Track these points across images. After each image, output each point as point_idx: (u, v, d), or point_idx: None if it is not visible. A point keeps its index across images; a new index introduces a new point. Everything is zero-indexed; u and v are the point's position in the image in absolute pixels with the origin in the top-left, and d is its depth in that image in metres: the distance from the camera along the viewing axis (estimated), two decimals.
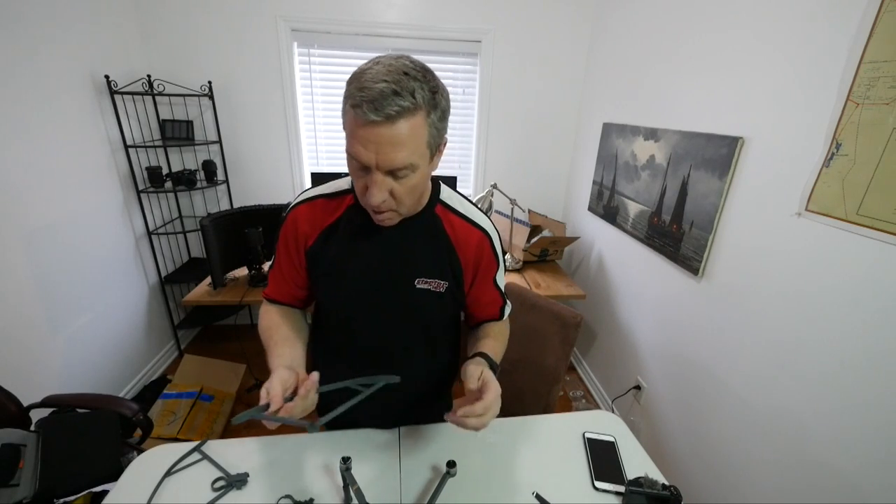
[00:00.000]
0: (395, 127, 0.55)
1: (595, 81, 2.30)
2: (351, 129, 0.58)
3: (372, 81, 0.54)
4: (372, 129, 0.55)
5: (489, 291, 0.84)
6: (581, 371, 2.48)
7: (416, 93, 0.55)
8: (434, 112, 0.59)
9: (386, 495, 0.73)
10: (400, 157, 0.58)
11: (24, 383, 1.33)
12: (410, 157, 0.59)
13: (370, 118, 0.54)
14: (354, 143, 0.58)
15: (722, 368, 1.35)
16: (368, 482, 0.74)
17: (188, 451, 0.80)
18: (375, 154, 0.57)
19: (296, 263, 0.80)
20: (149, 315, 2.26)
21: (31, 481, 0.93)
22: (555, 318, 1.27)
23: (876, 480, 0.91)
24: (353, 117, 0.56)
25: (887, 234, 0.86)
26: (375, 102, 0.54)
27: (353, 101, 0.55)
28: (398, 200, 0.64)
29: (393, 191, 0.62)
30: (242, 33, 2.15)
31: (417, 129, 0.57)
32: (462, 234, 0.76)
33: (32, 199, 1.54)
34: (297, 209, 0.78)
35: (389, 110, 0.54)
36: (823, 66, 1.01)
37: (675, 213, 1.56)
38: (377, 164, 0.58)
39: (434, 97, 0.58)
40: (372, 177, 0.60)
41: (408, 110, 0.55)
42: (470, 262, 0.78)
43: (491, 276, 0.82)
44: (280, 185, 2.47)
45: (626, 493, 0.71)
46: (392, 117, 0.54)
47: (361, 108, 0.54)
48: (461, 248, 0.76)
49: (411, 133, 0.57)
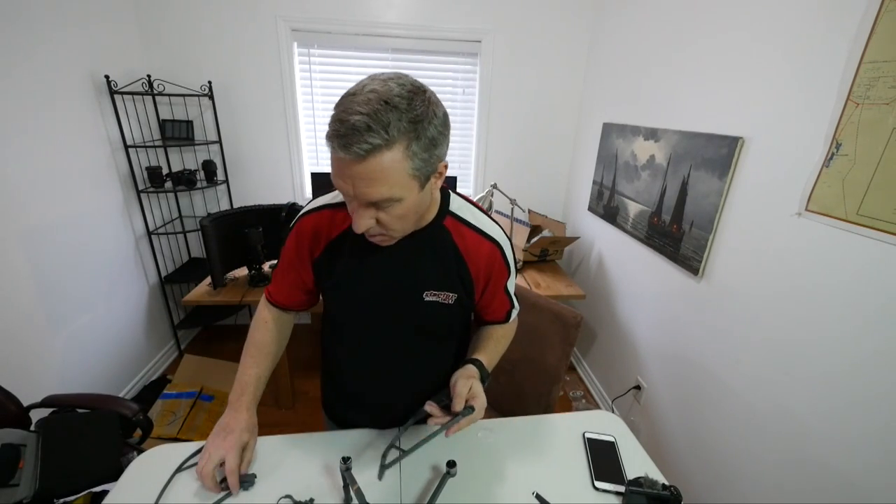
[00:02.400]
0: (366, 164, 0.52)
1: (595, 81, 2.30)
2: (331, 159, 0.56)
3: (348, 112, 0.51)
4: (344, 165, 0.54)
5: (499, 298, 0.85)
6: (581, 371, 2.48)
7: (392, 126, 0.51)
8: (416, 142, 0.54)
9: (386, 495, 0.73)
10: (376, 192, 0.55)
11: (24, 383, 1.33)
12: (390, 192, 0.56)
13: (339, 154, 0.53)
14: (334, 174, 0.56)
15: (722, 368, 1.35)
16: (368, 482, 0.74)
17: (196, 451, 0.79)
18: (352, 187, 0.55)
19: (302, 273, 0.81)
20: (149, 315, 2.25)
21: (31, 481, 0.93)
22: (555, 318, 1.26)
23: (876, 480, 0.91)
24: (329, 149, 0.54)
25: (887, 234, 0.86)
26: (345, 139, 0.51)
27: (328, 133, 0.53)
28: (386, 227, 0.62)
29: (379, 219, 0.61)
30: (242, 33, 2.15)
31: (395, 163, 0.54)
32: (473, 245, 0.75)
33: (32, 198, 1.54)
34: (303, 220, 0.77)
35: (358, 148, 0.51)
36: (823, 67, 1.01)
37: (675, 213, 1.56)
38: (355, 195, 0.57)
39: (416, 127, 0.54)
40: (352, 205, 0.59)
41: (378, 147, 0.52)
42: (481, 273, 0.77)
43: (502, 285, 0.82)
44: (280, 185, 2.47)
45: (626, 493, 0.71)
46: (361, 156, 0.52)
47: (332, 141, 0.52)
48: (472, 261, 0.75)
49: (388, 168, 0.54)
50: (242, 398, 0.77)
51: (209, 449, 0.72)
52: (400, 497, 0.73)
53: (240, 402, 0.77)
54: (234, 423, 0.75)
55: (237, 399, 0.77)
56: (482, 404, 0.69)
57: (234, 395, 0.78)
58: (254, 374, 0.80)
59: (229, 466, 0.70)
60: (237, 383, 0.79)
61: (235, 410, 0.76)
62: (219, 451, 0.71)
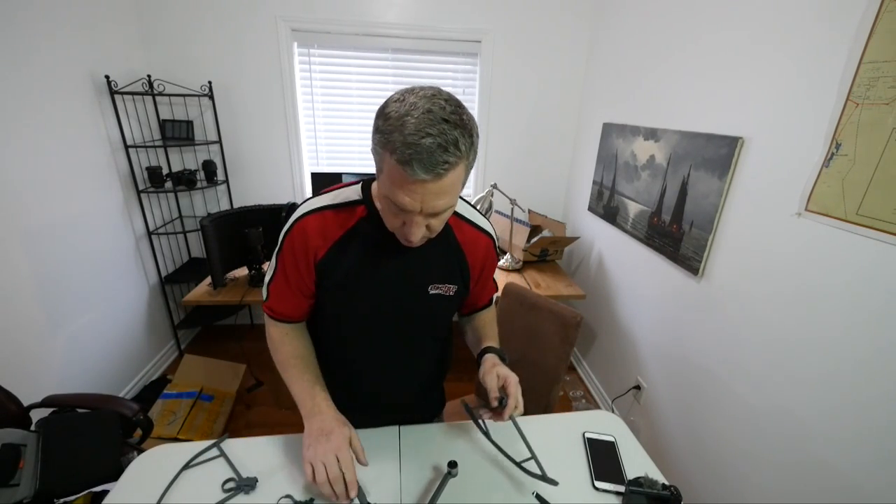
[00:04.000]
0: (441, 181, 0.57)
1: (595, 81, 2.30)
2: (397, 180, 0.58)
3: (417, 136, 0.53)
4: (421, 185, 0.56)
5: (489, 285, 0.94)
6: (581, 371, 2.48)
7: (461, 144, 0.55)
8: (473, 153, 0.60)
9: (386, 495, 0.73)
10: (443, 203, 0.60)
11: (24, 383, 1.33)
12: (452, 201, 0.62)
13: (420, 177, 0.55)
14: (400, 193, 0.58)
15: (722, 368, 1.35)
16: (368, 482, 0.74)
17: (207, 447, 0.80)
18: (421, 203, 0.59)
19: (304, 275, 0.78)
20: (149, 315, 2.26)
21: (31, 481, 0.93)
22: (555, 318, 1.27)
23: (876, 480, 0.91)
24: (402, 172, 0.56)
25: (887, 234, 0.86)
26: (425, 162, 0.54)
27: (401, 157, 0.54)
28: (433, 231, 0.67)
29: (430, 225, 0.65)
30: (242, 33, 2.15)
31: (460, 175, 0.59)
32: (471, 239, 0.82)
33: (32, 199, 1.54)
34: (305, 220, 0.74)
35: (440, 169, 0.55)
36: (823, 66, 1.01)
37: (675, 213, 1.56)
38: (422, 210, 0.60)
39: (473, 140, 0.58)
40: (412, 218, 0.62)
41: (454, 165, 0.56)
42: (478, 264, 0.84)
43: (492, 273, 0.92)
44: (280, 185, 2.47)
45: (626, 493, 0.71)
46: (441, 175, 0.56)
47: (411, 165, 0.54)
48: (470, 252, 0.81)
49: (456, 181, 0.59)
50: (316, 400, 0.75)
51: (317, 458, 0.67)
52: (400, 497, 0.73)
53: (316, 405, 0.75)
54: (326, 424, 0.72)
55: (312, 404, 0.75)
56: (514, 380, 0.76)
57: (306, 405, 0.75)
58: (309, 379, 0.78)
59: (345, 463, 0.67)
60: (300, 396, 0.76)
61: (319, 413, 0.73)
62: (329, 456, 0.67)
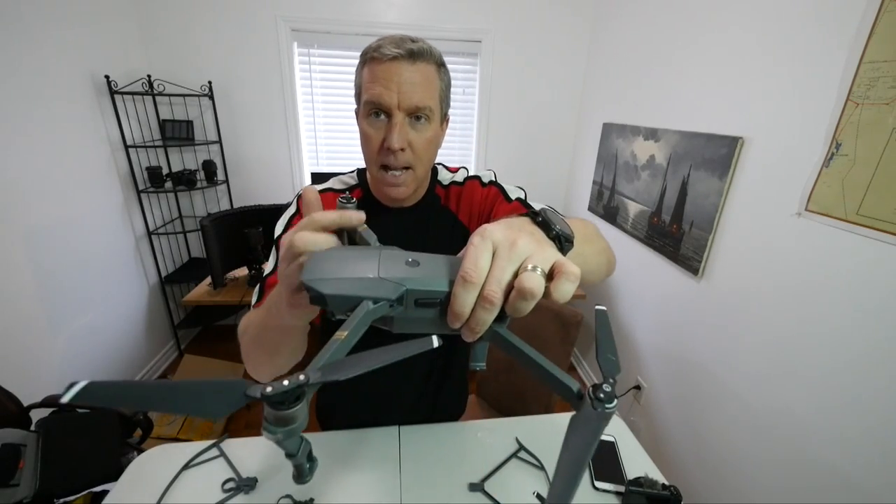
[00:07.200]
0: (415, 66, 0.60)
1: (595, 81, 2.30)
2: (371, 75, 0.61)
3: (384, 40, 0.60)
4: (393, 65, 0.59)
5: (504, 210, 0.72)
6: (581, 371, 2.48)
7: (427, 45, 0.62)
8: (443, 71, 0.65)
9: (386, 495, 0.73)
10: (420, 95, 0.61)
11: (24, 383, 1.33)
12: (429, 100, 0.62)
13: (392, 53, 0.59)
14: (375, 85, 0.60)
15: (722, 368, 1.35)
16: (369, 482, 0.74)
17: (207, 447, 0.80)
18: (397, 93, 0.60)
19: None
20: (149, 315, 2.25)
21: (31, 481, 0.93)
22: (555, 318, 1.27)
23: (876, 480, 0.91)
24: (373, 62, 0.60)
25: (887, 234, 0.86)
26: (395, 41, 0.59)
27: (373, 53, 0.60)
28: (416, 154, 0.65)
29: (412, 142, 0.64)
30: (242, 33, 2.14)
31: (432, 76, 0.63)
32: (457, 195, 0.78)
33: (33, 199, 1.54)
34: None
35: (411, 47, 0.59)
36: (823, 66, 1.01)
37: (675, 213, 1.56)
38: (399, 104, 0.60)
39: (441, 57, 0.65)
40: (392, 120, 0.62)
41: (425, 53, 0.61)
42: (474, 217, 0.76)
43: (501, 200, 0.74)
44: (280, 185, 2.46)
45: (626, 492, 0.71)
46: (413, 54, 0.60)
47: (380, 50, 0.59)
48: (464, 212, 0.77)
49: (429, 77, 0.63)
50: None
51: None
52: (400, 497, 0.73)
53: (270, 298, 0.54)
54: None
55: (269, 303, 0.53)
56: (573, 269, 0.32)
57: (268, 309, 0.54)
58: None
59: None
60: (262, 314, 0.57)
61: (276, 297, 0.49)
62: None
